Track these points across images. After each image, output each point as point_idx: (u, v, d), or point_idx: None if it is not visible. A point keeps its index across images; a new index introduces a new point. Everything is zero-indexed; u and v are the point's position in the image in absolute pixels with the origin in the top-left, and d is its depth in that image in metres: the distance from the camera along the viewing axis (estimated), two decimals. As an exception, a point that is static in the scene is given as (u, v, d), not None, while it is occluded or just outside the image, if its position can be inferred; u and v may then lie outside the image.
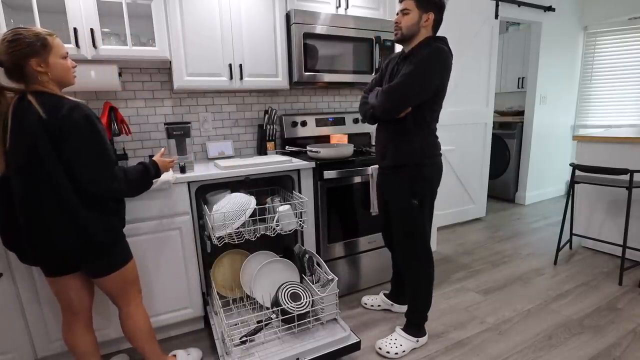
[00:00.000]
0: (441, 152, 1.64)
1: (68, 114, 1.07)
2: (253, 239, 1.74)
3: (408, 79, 1.43)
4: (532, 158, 4.07)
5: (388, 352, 1.66)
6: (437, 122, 1.61)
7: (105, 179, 1.14)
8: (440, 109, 1.59)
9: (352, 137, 2.63)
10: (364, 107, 1.64)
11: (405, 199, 1.61)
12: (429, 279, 1.70)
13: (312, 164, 1.97)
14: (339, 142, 2.41)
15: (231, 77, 2.04)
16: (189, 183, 1.71)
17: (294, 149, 2.33)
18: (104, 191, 1.16)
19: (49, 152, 1.07)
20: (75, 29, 1.66)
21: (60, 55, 1.16)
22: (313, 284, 1.73)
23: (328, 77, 2.24)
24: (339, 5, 2.28)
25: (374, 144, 1.78)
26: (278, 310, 1.55)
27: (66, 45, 1.64)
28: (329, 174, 2.00)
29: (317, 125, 2.53)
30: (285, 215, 1.67)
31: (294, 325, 1.57)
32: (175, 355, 1.60)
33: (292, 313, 1.53)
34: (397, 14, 1.52)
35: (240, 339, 1.51)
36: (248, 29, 2.05)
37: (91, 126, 1.11)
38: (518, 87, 4.32)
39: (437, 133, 1.63)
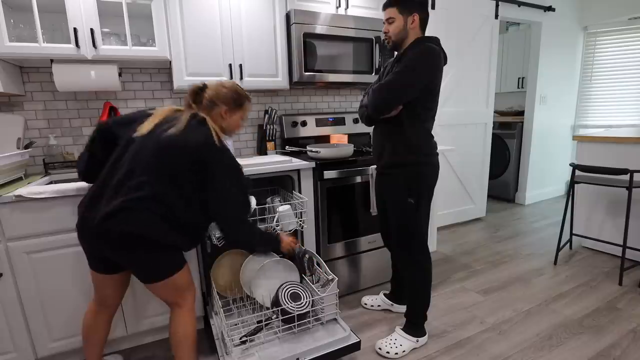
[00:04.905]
0: (437, 151, 1.65)
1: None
2: (253, 239, 1.74)
3: (397, 76, 1.46)
4: (532, 158, 4.07)
5: (388, 352, 1.66)
6: (433, 121, 1.62)
7: (236, 222, 1.34)
8: (435, 107, 1.59)
9: (352, 137, 2.63)
10: (361, 109, 1.66)
11: (401, 198, 1.61)
12: (427, 278, 1.70)
13: (312, 164, 1.97)
14: (339, 142, 2.41)
15: (231, 77, 2.04)
16: (189, 183, 1.70)
17: (294, 149, 2.32)
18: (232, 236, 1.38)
19: (199, 169, 1.21)
20: (75, 29, 1.66)
21: (242, 118, 1.40)
22: (313, 284, 1.73)
23: (328, 77, 2.24)
24: (339, 5, 2.28)
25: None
26: (278, 310, 1.54)
27: (66, 46, 1.66)
28: (329, 174, 2.00)
29: (317, 125, 2.53)
30: (285, 215, 1.67)
31: (294, 325, 1.57)
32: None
33: (292, 313, 1.53)
34: (384, 23, 1.55)
35: (240, 339, 1.51)
36: (248, 29, 2.05)
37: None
38: (518, 87, 4.33)
39: (438, 132, 1.64)
